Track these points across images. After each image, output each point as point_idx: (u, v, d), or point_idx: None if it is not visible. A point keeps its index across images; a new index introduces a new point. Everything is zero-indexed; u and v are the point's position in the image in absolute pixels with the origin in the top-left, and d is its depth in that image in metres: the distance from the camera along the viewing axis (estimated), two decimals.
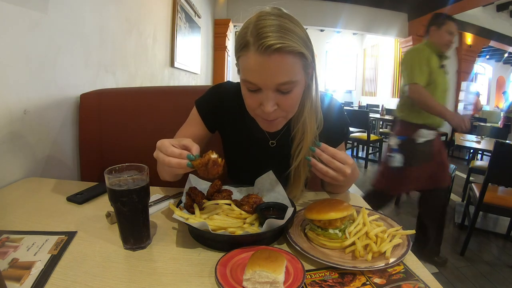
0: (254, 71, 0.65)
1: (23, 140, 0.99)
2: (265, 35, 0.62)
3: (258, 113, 0.73)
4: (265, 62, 0.63)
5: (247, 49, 0.64)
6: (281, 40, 0.62)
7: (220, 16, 5.34)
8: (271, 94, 0.67)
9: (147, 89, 1.54)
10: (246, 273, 0.48)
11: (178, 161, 0.62)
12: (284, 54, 0.63)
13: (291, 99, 0.70)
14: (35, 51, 1.01)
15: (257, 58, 0.63)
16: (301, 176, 0.82)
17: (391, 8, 5.85)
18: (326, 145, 0.70)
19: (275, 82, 0.65)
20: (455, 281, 1.89)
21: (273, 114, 0.70)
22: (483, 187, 2.02)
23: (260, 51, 0.62)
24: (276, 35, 0.62)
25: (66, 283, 0.50)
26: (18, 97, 0.95)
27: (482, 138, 3.47)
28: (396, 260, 0.56)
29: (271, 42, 0.61)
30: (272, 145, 0.88)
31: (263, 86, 0.66)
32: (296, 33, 0.65)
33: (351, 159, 0.71)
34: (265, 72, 0.64)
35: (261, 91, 0.68)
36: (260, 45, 0.62)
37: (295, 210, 0.69)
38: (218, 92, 0.90)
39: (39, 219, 0.71)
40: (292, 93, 0.69)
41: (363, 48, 9.34)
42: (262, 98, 0.68)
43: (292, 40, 0.63)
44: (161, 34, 2.44)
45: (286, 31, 0.63)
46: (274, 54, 0.62)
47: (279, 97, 0.68)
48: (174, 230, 0.69)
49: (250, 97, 0.71)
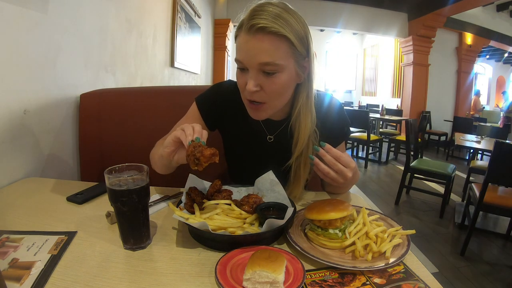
0: (240, 49, 0.70)
1: (23, 140, 0.99)
2: (254, 17, 0.66)
3: (246, 95, 0.75)
4: (249, 41, 0.67)
5: (240, 30, 0.70)
6: (266, 22, 0.65)
7: (220, 16, 5.34)
8: (254, 73, 0.70)
9: (147, 89, 1.54)
10: (246, 273, 0.48)
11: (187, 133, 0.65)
12: (267, 34, 0.66)
13: (275, 83, 0.71)
14: (35, 51, 1.01)
15: (244, 36, 0.68)
16: (301, 176, 0.83)
17: (391, 8, 5.85)
18: (331, 147, 0.72)
19: (257, 61, 0.68)
20: (455, 281, 1.89)
21: (256, 95, 0.72)
22: (483, 187, 2.02)
23: (248, 30, 0.67)
24: (265, 17, 0.66)
25: (66, 283, 0.50)
26: (18, 97, 0.95)
27: (482, 138, 3.47)
28: (396, 260, 0.56)
29: (256, 21, 0.65)
30: (270, 141, 0.88)
31: (247, 64, 0.70)
32: (289, 21, 0.67)
33: (354, 162, 0.73)
34: (249, 50, 0.68)
35: (247, 71, 0.71)
36: (249, 24, 0.66)
37: (295, 210, 0.69)
38: (219, 90, 0.90)
39: (39, 219, 0.71)
40: (276, 77, 0.70)
41: (363, 48, 9.33)
42: (247, 77, 0.71)
43: (279, 24, 0.66)
44: (161, 34, 2.44)
45: (277, 17, 0.66)
46: (258, 33, 0.66)
47: (263, 79, 0.70)
48: (174, 230, 0.69)
49: (240, 77, 0.74)
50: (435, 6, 5.32)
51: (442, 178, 2.84)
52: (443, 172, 2.81)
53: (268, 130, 0.88)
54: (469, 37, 6.30)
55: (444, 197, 2.83)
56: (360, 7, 5.71)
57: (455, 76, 6.54)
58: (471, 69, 6.55)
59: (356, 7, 5.69)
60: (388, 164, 4.95)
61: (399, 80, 6.93)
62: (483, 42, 6.43)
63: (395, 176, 4.22)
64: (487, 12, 6.08)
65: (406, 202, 3.24)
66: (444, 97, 6.48)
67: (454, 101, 6.61)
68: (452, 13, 5.50)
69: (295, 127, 0.80)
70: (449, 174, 2.78)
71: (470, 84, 6.64)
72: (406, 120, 3.47)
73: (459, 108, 6.53)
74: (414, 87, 6.04)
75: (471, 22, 6.03)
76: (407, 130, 3.07)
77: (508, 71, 10.21)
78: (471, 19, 5.98)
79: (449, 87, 6.52)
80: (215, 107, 0.89)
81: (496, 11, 6.13)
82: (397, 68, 7.08)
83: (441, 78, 6.33)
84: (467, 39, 6.31)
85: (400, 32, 6.03)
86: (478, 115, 6.65)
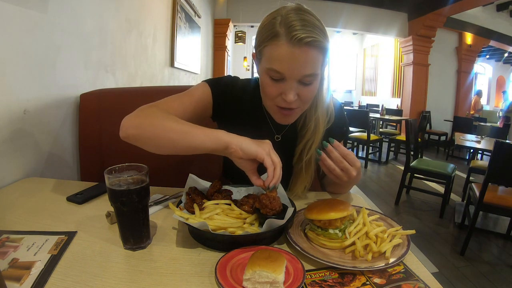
0: (282, 61, 0.68)
1: (23, 140, 0.99)
2: (297, 27, 0.65)
3: (277, 102, 0.74)
4: (295, 53, 0.66)
5: (277, 39, 0.67)
6: (312, 35, 0.65)
7: (220, 16, 5.34)
8: (294, 84, 0.70)
9: (147, 89, 1.54)
10: (246, 273, 0.48)
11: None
12: (313, 48, 0.66)
13: (311, 91, 0.73)
14: (35, 51, 1.01)
15: (288, 48, 0.66)
16: (309, 173, 0.84)
17: (391, 8, 5.85)
18: (339, 144, 0.73)
19: (301, 74, 0.68)
20: (455, 281, 1.89)
21: (293, 104, 0.73)
22: (483, 187, 2.02)
23: (292, 42, 0.65)
24: (307, 29, 0.65)
25: (66, 283, 0.50)
26: (18, 97, 0.95)
27: (482, 138, 3.47)
28: (396, 260, 0.56)
29: (303, 35, 0.65)
30: (277, 140, 0.89)
31: (289, 76, 0.69)
32: (321, 29, 0.68)
33: (359, 162, 0.74)
34: (294, 63, 0.67)
35: (284, 81, 0.70)
36: (293, 37, 0.65)
37: (295, 210, 0.69)
38: (235, 84, 0.88)
39: (39, 219, 0.71)
40: (312, 85, 0.72)
41: (363, 48, 9.33)
42: (284, 87, 0.71)
43: (320, 35, 0.67)
44: (161, 34, 2.44)
45: (314, 26, 0.67)
46: (305, 47, 0.66)
47: (300, 88, 0.71)
48: (174, 230, 0.69)
49: (272, 86, 0.72)
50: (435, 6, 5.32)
51: (442, 178, 2.84)
52: (443, 172, 2.81)
53: (276, 129, 0.89)
54: (469, 37, 6.30)
55: (444, 197, 2.83)
56: (360, 7, 5.71)
57: (455, 76, 6.54)
58: (471, 69, 6.55)
59: (356, 7, 5.69)
60: (388, 164, 4.95)
61: (399, 80, 6.93)
62: (483, 42, 6.43)
63: (395, 176, 4.22)
64: (487, 12, 6.08)
65: (406, 202, 3.24)
66: (444, 97, 6.48)
67: (454, 101, 6.61)
68: (452, 13, 5.50)
69: (311, 128, 0.81)
70: (449, 174, 2.78)
71: (470, 84, 6.64)
72: (406, 120, 3.47)
73: (459, 108, 6.53)
74: (414, 87, 6.04)
75: (471, 22, 6.03)
76: (407, 130, 3.07)
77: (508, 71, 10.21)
78: (471, 19, 5.98)
79: (449, 87, 6.52)
80: (227, 100, 0.86)
81: (496, 11, 6.13)
82: (397, 68, 7.08)
83: (441, 78, 6.33)
84: (467, 39, 6.31)
85: (400, 32, 6.03)
86: (478, 115, 6.65)
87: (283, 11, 0.69)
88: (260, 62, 0.74)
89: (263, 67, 0.72)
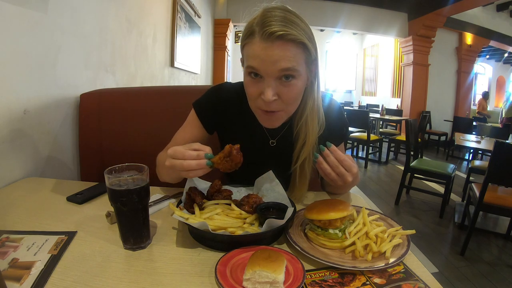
0: (257, 57, 0.67)
1: (23, 140, 0.99)
2: (269, 23, 0.65)
3: (258, 104, 0.73)
4: (268, 48, 0.66)
5: (253, 37, 0.68)
6: (284, 28, 0.65)
7: (220, 16, 5.34)
8: (272, 82, 0.69)
9: (147, 89, 1.54)
10: (246, 273, 0.48)
11: (197, 162, 0.64)
12: (286, 41, 0.65)
13: (291, 91, 0.71)
14: (35, 51, 1.01)
15: (261, 44, 0.66)
16: (305, 178, 0.82)
17: (391, 8, 5.85)
18: (336, 148, 0.73)
19: (277, 68, 0.67)
20: (455, 281, 1.89)
21: (273, 104, 0.71)
22: (483, 187, 2.02)
23: (264, 37, 0.65)
24: (280, 23, 0.65)
25: (66, 283, 0.50)
26: (18, 97, 0.95)
27: (482, 138, 3.47)
28: (396, 260, 0.56)
29: (274, 29, 0.64)
30: (273, 145, 0.88)
31: (265, 72, 0.68)
32: (300, 26, 0.67)
33: (356, 168, 0.74)
34: (268, 58, 0.66)
35: (263, 80, 0.69)
36: (264, 32, 0.65)
37: (295, 210, 0.69)
38: (216, 93, 0.89)
39: (39, 219, 0.71)
40: (292, 84, 0.70)
41: (363, 48, 9.33)
42: (263, 86, 0.69)
43: (295, 30, 0.66)
44: (161, 34, 2.44)
45: (290, 22, 0.66)
46: (277, 40, 0.65)
47: (280, 87, 0.69)
48: (174, 230, 0.69)
49: (252, 86, 0.72)
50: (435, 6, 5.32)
51: (442, 178, 2.84)
52: (443, 172, 2.81)
53: (270, 134, 0.87)
54: (469, 37, 6.29)
55: (444, 197, 2.83)
56: (360, 7, 5.71)
57: (455, 76, 6.54)
58: (471, 69, 6.54)
59: (356, 7, 5.69)
60: (388, 164, 4.95)
61: (399, 80, 6.92)
62: (483, 42, 6.43)
63: (395, 176, 4.22)
64: (487, 12, 6.08)
65: (406, 202, 3.24)
66: (444, 97, 6.48)
67: (454, 101, 6.61)
68: (452, 13, 5.50)
69: (302, 131, 0.79)
70: (449, 174, 2.78)
71: (470, 84, 6.64)
72: (406, 120, 3.47)
73: (459, 108, 6.52)
74: (414, 87, 6.04)
75: (471, 22, 6.03)
76: (407, 130, 3.07)
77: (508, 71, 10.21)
78: (471, 19, 5.98)
79: (449, 87, 6.52)
80: (213, 111, 0.87)
81: (496, 11, 6.13)
82: (397, 68, 7.07)
83: (441, 78, 6.33)
84: (467, 39, 6.30)
85: (400, 32, 6.03)
86: (486, 114, 6.65)
87: (261, 11, 0.69)
88: (243, 64, 0.74)
89: (245, 66, 0.72)
